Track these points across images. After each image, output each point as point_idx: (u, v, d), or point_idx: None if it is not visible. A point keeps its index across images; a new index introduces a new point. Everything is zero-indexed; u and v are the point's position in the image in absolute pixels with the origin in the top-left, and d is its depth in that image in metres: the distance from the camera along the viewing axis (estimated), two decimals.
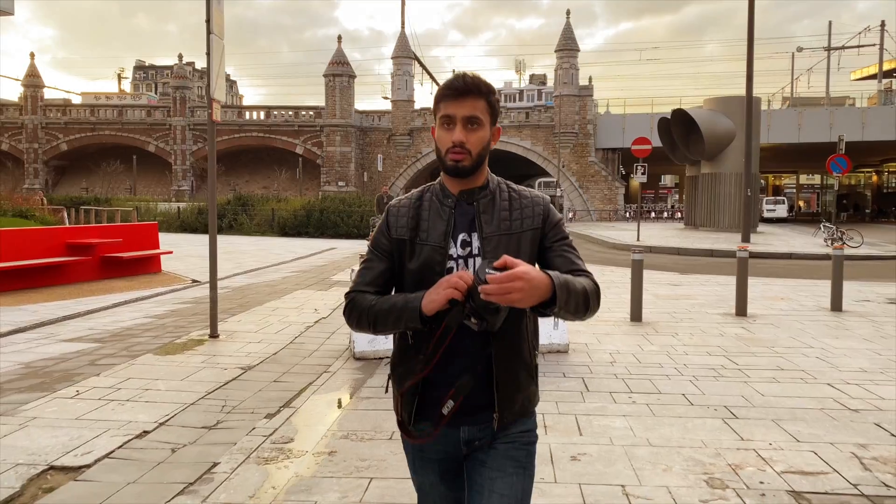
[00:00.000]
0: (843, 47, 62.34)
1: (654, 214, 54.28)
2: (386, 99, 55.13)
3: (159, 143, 54.95)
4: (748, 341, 7.67)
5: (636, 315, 8.93)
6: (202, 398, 5.30)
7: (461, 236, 1.88)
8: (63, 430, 4.49)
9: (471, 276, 1.67)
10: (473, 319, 1.66)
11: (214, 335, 7.57)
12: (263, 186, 52.25)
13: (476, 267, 1.76)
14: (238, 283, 12.60)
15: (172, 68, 63.69)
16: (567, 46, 48.89)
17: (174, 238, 22.38)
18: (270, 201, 34.19)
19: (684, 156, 34.32)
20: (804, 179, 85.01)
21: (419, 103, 53.03)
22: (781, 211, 49.52)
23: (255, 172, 54.73)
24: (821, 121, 47.13)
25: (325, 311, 9.49)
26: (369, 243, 2.01)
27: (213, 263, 7.73)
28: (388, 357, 6.48)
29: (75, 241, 12.52)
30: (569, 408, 5.02)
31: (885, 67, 59.23)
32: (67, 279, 11.94)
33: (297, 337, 7.74)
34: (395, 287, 1.95)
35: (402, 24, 52.64)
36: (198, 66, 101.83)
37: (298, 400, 5.31)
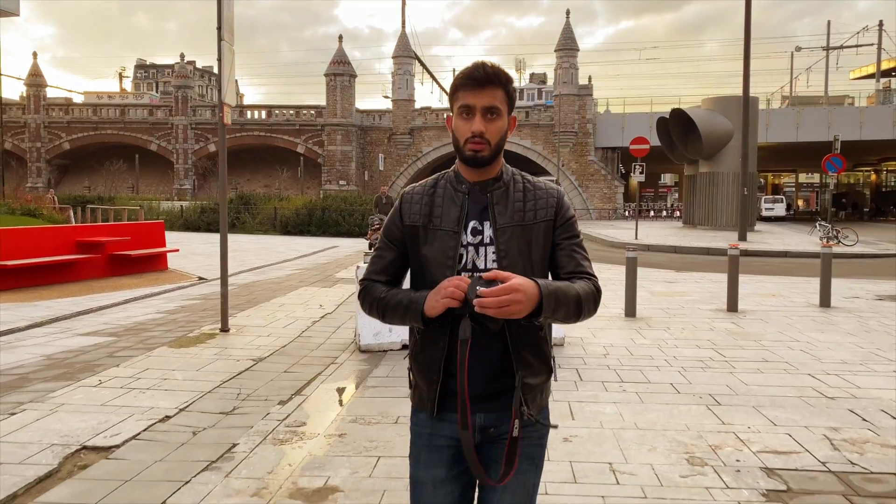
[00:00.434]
0: (841, 47, 62.70)
1: (654, 213, 54.64)
2: (387, 98, 55.47)
3: (161, 143, 55.27)
4: (737, 335, 8.00)
5: (630, 310, 9.26)
6: (217, 387, 5.63)
7: (472, 223, 1.88)
8: (91, 415, 4.82)
9: (468, 283, 1.69)
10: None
11: (225, 329, 7.89)
12: (265, 185, 52.55)
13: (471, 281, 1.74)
14: (244, 281, 12.92)
15: (173, 67, 63.92)
16: (567, 46, 49.18)
17: (177, 236, 22.65)
18: (272, 200, 34.40)
19: (682, 155, 34.61)
20: (803, 178, 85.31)
21: (420, 102, 53.40)
22: (780, 210, 49.93)
23: (257, 171, 55.02)
24: (819, 120, 47.44)
25: (330, 307, 9.82)
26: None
27: (223, 260, 8.06)
28: (392, 349, 6.84)
29: (85, 239, 12.85)
30: (563, 395, 5.34)
31: (883, 67, 59.59)
32: (77, 276, 12.27)
33: (304, 331, 8.07)
34: (411, 272, 1.97)
35: (403, 23, 52.97)
36: (199, 64, 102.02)
37: (308, 388, 5.64)
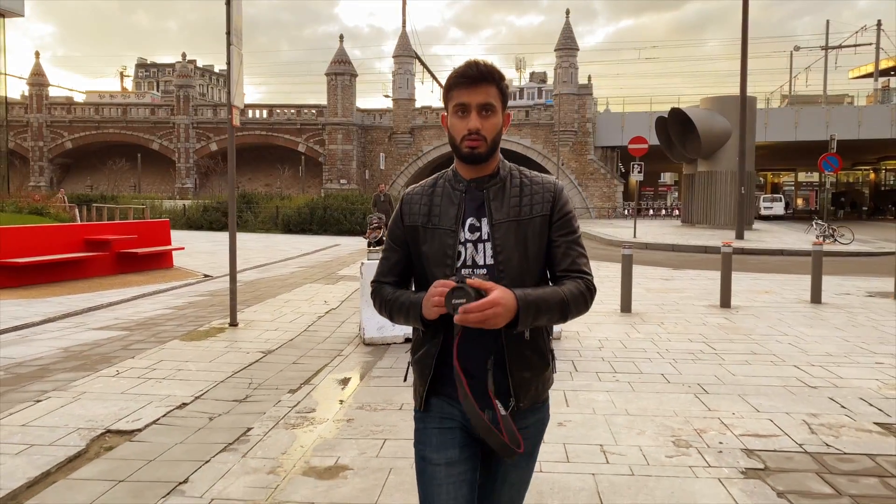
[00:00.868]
0: (840, 46, 62.94)
1: (653, 212, 54.92)
2: (387, 97, 55.72)
3: (163, 142, 55.58)
4: (728, 330, 8.27)
5: (626, 306, 9.53)
6: (230, 377, 5.91)
7: (469, 220, 1.93)
8: (112, 402, 5.10)
9: (450, 287, 1.74)
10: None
11: (234, 324, 8.17)
12: (266, 184, 52.83)
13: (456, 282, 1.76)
14: (249, 278, 13.19)
15: (174, 66, 64.22)
16: (566, 46, 49.44)
17: (180, 235, 22.88)
18: (274, 199, 34.66)
19: (681, 154, 34.90)
20: (803, 177, 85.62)
21: (420, 102, 53.77)
22: (778, 208, 50.24)
23: (258, 170, 55.30)
24: (817, 119, 47.72)
25: (334, 303, 10.10)
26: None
27: (232, 257, 8.34)
28: (395, 343, 7.13)
29: (93, 237, 13.13)
30: (558, 384, 5.62)
31: (882, 66, 59.82)
32: (85, 274, 12.55)
33: (310, 325, 8.34)
34: (414, 272, 2.03)
35: (404, 23, 53.23)
36: (199, 63, 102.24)
37: (316, 378, 5.92)
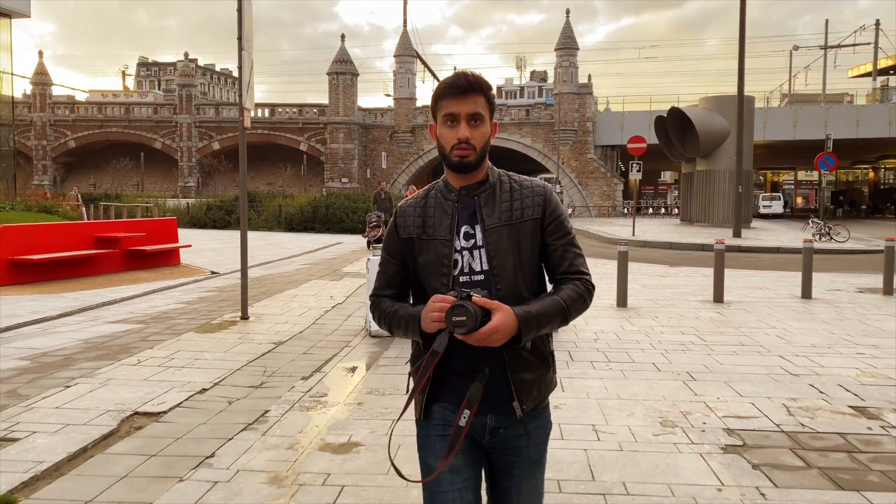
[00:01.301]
0: (839, 45, 63.25)
1: (652, 210, 55.27)
2: (388, 96, 56.07)
3: (165, 140, 55.94)
4: (719, 323, 8.61)
5: (622, 301, 9.87)
6: (245, 366, 6.25)
7: (464, 228, 1.98)
8: (137, 388, 5.45)
9: (450, 303, 1.79)
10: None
11: (245, 317, 8.52)
12: (268, 183, 53.17)
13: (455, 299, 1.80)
14: (256, 275, 13.52)
15: (175, 65, 64.58)
16: (567, 45, 49.75)
17: (185, 233, 23.08)
18: (277, 198, 34.99)
19: (680, 153, 35.22)
20: (803, 176, 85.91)
21: (421, 101, 53.95)
22: (777, 207, 50.57)
23: (260, 169, 55.64)
24: (816, 119, 48.04)
25: (340, 298, 10.44)
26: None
27: (244, 253, 8.69)
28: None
29: (103, 234, 13.49)
30: None
31: (881, 65, 60.12)
32: (95, 270, 12.90)
33: (317, 319, 8.69)
34: (412, 283, 2.06)
35: (405, 22, 53.57)
36: (200, 62, 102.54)
37: (327, 367, 6.26)
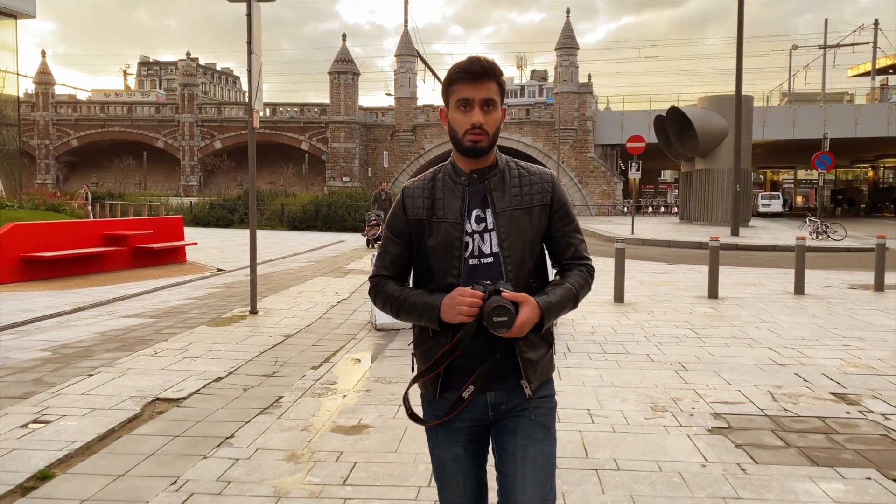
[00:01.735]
0: (838, 45, 63.51)
1: (652, 209, 55.54)
2: (389, 95, 56.30)
3: (167, 140, 56.22)
4: (713, 318, 8.90)
5: (619, 297, 10.16)
6: (257, 356, 6.54)
7: (475, 212, 1.99)
8: (156, 376, 5.73)
9: (480, 298, 1.83)
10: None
11: (254, 311, 8.81)
12: (269, 182, 53.42)
13: (485, 297, 1.84)
14: (262, 271, 13.78)
15: (177, 65, 64.82)
16: (567, 44, 50.00)
17: (189, 232, 23.19)
18: (279, 196, 35.28)
19: (679, 152, 35.48)
20: (802, 175, 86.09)
21: (422, 100, 54.21)
22: (776, 206, 50.80)
23: (261, 168, 55.79)
24: (815, 118, 48.27)
25: (345, 294, 10.74)
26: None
27: (253, 250, 8.99)
28: (405, 328, 7.76)
29: (111, 232, 13.79)
30: None
31: (880, 65, 60.37)
32: (104, 267, 13.19)
33: (324, 313, 8.98)
34: (415, 265, 2.07)
35: (406, 22, 53.88)
36: (201, 62, 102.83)
37: (335, 358, 6.55)
